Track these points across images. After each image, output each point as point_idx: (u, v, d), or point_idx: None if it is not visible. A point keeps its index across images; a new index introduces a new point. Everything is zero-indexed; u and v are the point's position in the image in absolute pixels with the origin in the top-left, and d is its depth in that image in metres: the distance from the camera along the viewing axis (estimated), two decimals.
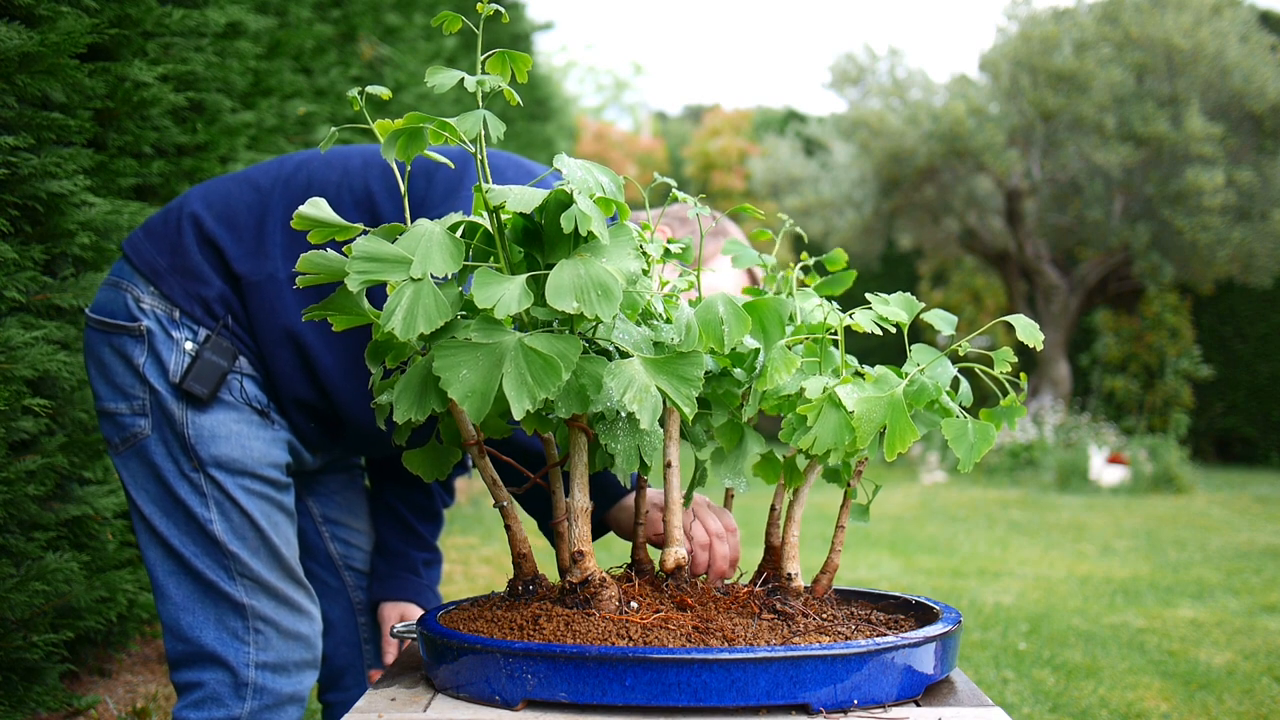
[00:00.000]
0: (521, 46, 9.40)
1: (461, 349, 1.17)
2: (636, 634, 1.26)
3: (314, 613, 1.92)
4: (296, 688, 1.89)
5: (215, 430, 1.82)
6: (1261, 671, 3.92)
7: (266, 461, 1.85)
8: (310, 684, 1.92)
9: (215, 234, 1.85)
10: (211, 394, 1.81)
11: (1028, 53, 12.03)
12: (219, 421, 1.82)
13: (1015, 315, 1.35)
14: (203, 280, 1.83)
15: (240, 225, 1.85)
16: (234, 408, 1.84)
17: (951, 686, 1.35)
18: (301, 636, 1.89)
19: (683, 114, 26.61)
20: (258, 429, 1.85)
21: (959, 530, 7.45)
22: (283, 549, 1.87)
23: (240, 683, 1.83)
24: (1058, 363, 12.90)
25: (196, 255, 1.84)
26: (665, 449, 1.40)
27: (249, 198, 1.88)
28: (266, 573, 1.84)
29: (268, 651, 1.85)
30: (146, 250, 1.86)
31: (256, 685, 1.84)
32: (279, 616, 1.86)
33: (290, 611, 1.87)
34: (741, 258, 1.60)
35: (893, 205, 13.35)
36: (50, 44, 2.05)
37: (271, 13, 3.86)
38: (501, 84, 1.26)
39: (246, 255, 1.84)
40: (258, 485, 1.85)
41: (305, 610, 1.90)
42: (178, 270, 1.84)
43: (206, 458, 1.81)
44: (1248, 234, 11.71)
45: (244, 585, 1.83)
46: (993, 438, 1.32)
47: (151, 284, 1.84)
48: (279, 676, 1.86)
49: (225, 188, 1.91)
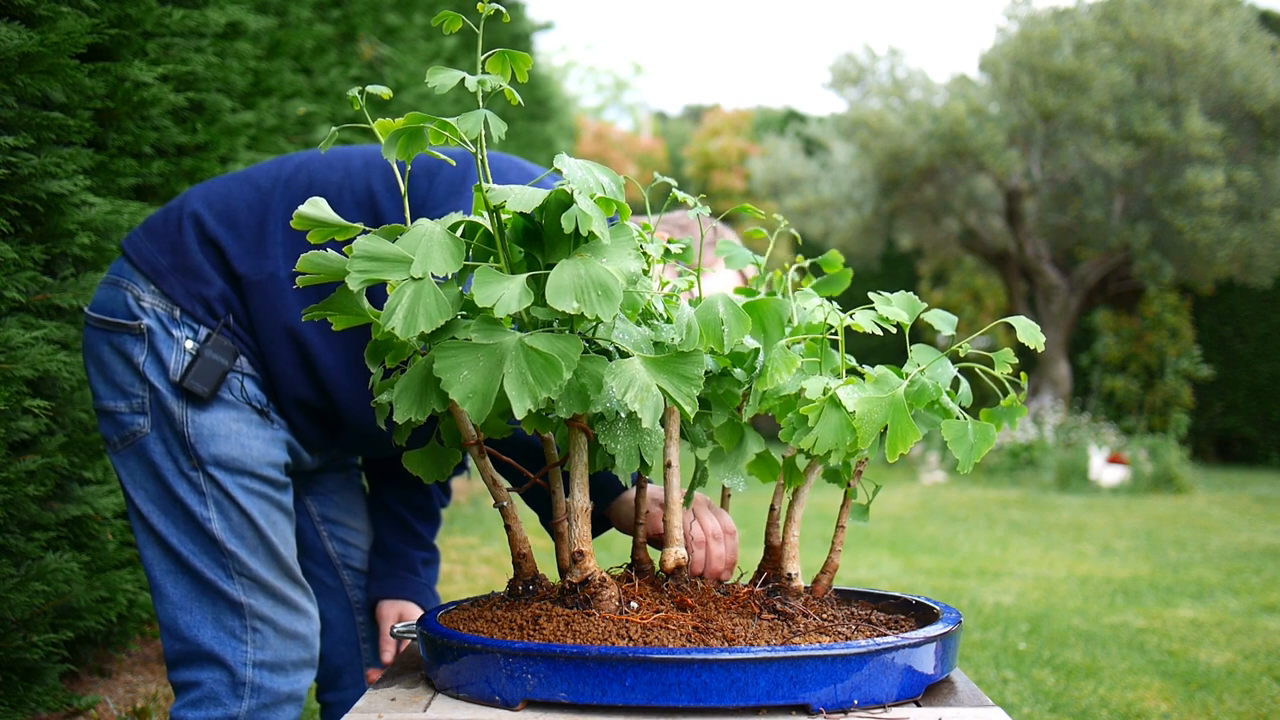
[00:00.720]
0: (521, 46, 9.40)
1: (462, 349, 1.17)
2: (636, 634, 1.26)
3: (312, 612, 1.92)
4: (294, 687, 1.89)
5: (215, 429, 1.82)
6: (1261, 671, 3.92)
7: (265, 461, 1.85)
8: (308, 683, 1.92)
9: (216, 233, 1.85)
10: (212, 392, 1.81)
11: (1028, 53, 12.03)
12: (219, 420, 1.82)
13: (1016, 316, 1.35)
14: (204, 279, 1.83)
15: (241, 225, 1.85)
16: (234, 407, 1.84)
17: (952, 686, 1.35)
18: (299, 635, 1.89)
19: (683, 114, 26.61)
20: (257, 428, 1.85)
21: (959, 530, 7.45)
22: (281, 548, 1.86)
23: (238, 681, 1.83)
24: (1058, 363, 12.90)
25: (198, 254, 1.84)
26: (665, 449, 1.40)
27: (250, 197, 1.88)
28: (264, 572, 1.84)
29: (265, 650, 1.85)
30: (147, 249, 1.86)
31: (254, 684, 1.84)
32: (277, 615, 1.86)
33: (288, 610, 1.87)
34: (735, 258, 1.60)
35: (893, 205, 13.34)
36: (50, 44, 2.05)
37: (271, 13, 3.85)
38: (502, 84, 1.26)
39: (247, 255, 1.84)
40: (257, 484, 1.84)
41: (303, 609, 1.90)
42: (179, 269, 1.84)
43: (206, 456, 1.81)
44: (1248, 234, 11.71)
45: (242, 584, 1.83)
46: (993, 438, 1.32)
47: (152, 283, 1.84)
48: (277, 675, 1.86)
49: (226, 187, 1.91)
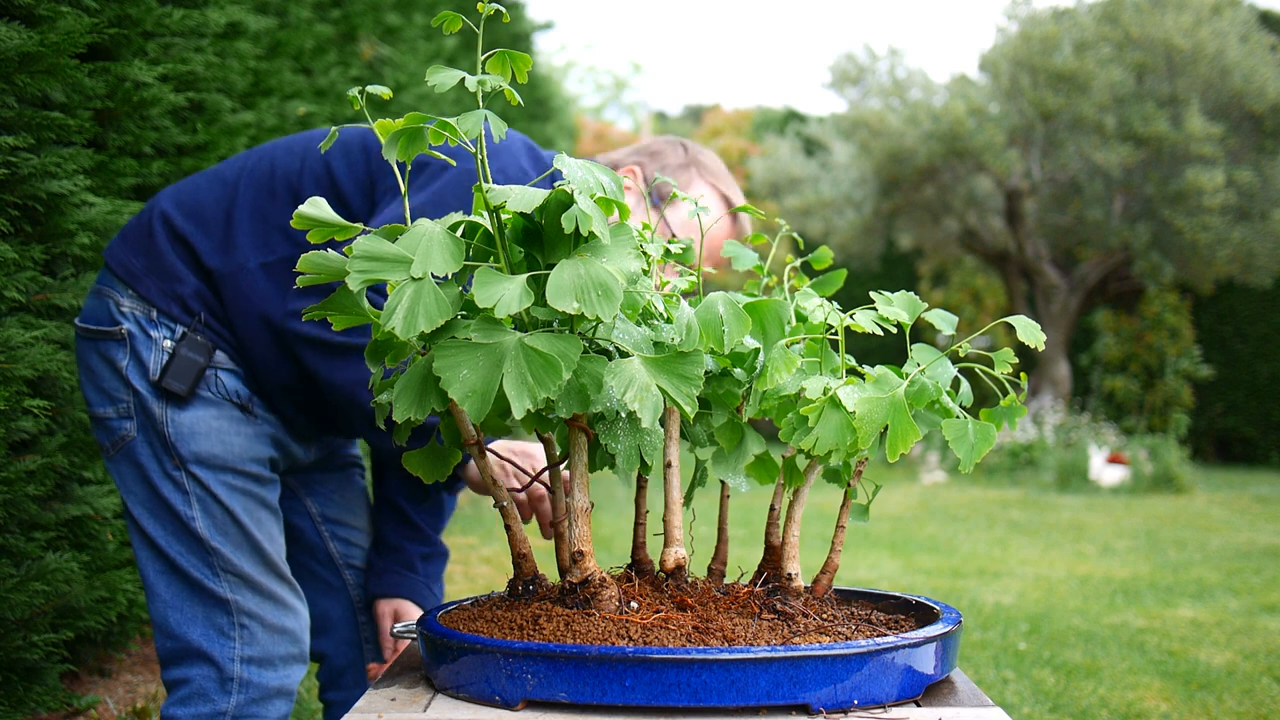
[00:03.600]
0: (521, 46, 9.39)
1: (462, 349, 1.17)
2: (636, 634, 1.26)
3: (299, 608, 1.93)
4: (283, 681, 1.90)
5: (195, 427, 1.83)
6: (1261, 671, 3.92)
7: (248, 456, 1.87)
8: (298, 677, 1.93)
9: (185, 231, 1.87)
10: (190, 390, 1.82)
11: (1028, 53, 12.03)
12: (198, 418, 1.84)
13: (1016, 316, 1.34)
14: (177, 278, 1.85)
15: (209, 220, 1.88)
16: (213, 404, 1.85)
17: (952, 687, 1.35)
18: (287, 630, 1.90)
19: (683, 114, 26.59)
20: (239, 424, 1.87)
21: (959, 530, 7.45)
22: (266, 544, 1.88)
23: (226, 677, 1.84)
24: (1058, 363, 12.90)
25: (170, 254, 1.87)
26: (665, 449, 1.40)
27: (216, 192, 1.90)
28: (250, 568, 1.85)
29: (253, 646, 1.86)
30: (123, 254, 1.89)
31: (242, 679, 1.85)
32: (263, 611, 1.87)
33: (275, 606, 1.89)
34: (740, 259, 1.59)
35: (893, 205, 13.35)
36: (50, 44, 2.05)
37: (271, 13, 3.85)
38: (502, 84, 1.26)
39: (217, 249, 1.86)
40: (239, 481, 1.86)
41: (290, 605, 1.91)
42: (153, 271, 1.86)
43: (187, 455, 1.83)
44: (1248, 234, 11.71)
45: (228, 581, 1.84)
46: (993, 438, 1.31)
47: (129, 287, 1.86)
48: (265, 670, 1.87)
49: (194, 184, 1.94)
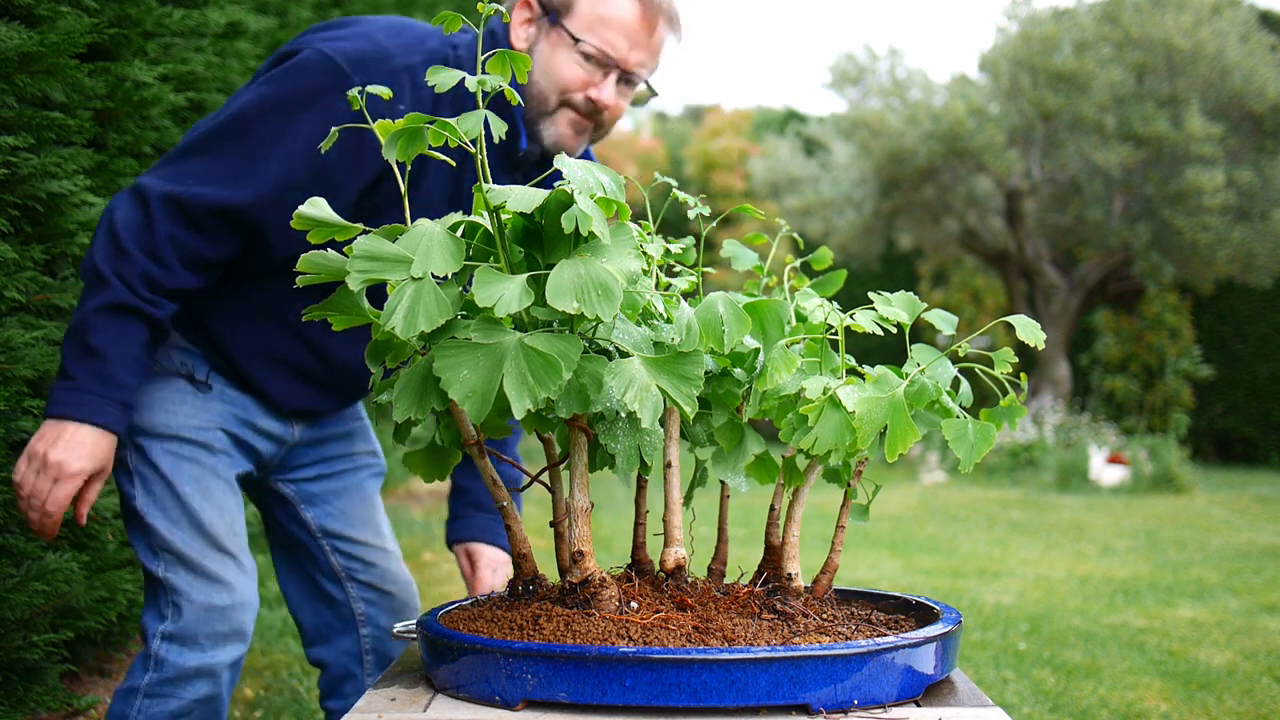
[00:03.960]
0: None
1: (462, 349, 1.17)
2: (636, 634, 1.26)
3: (236, 584, 1.88)
4: (205, 661, 1.85)
5: (139, 400, 1.85)
6: (1261, 671, 3.92)
7: (194, 425, 1.87)
8: (226, 659, 1.87)
9: None
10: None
11: (1028, 53, 12.03)
12: (144, 392, 1.86)
13: (1016, 315, 1.34)
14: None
15: None
16: (159, 377, 1.88)
17: (952, 686, 1.35)
18: (215, 608, 1.85)
19: (683, 114, 26.58)
20: (186, 395, 1.88)
21: (959, 530, 7.45)
22: (210, 517, 1.86)
23: (147, 654, 1.84)
24: (1058, 363, 12.90)
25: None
26: (665, 449, 1.40)
27: None
28: (184, 544, 1.84)
29: (175, 623, 1.84)
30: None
31: (157, 657, 1.84)
32: (192, 589, 1.84)
33: (207, 582, 1.85)
34: (740, 259, 1.60)
35: (893, 205, 13.35)
36: (50, 44, 2.05)
37: (271, 13, 3.85)
38: (502, 84, 1.26)
39: None
40: (185, 449, 1.86)
41: (225, 581, 1.87)
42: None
43: (134, 428, 1.85)
44: (1248, 234, 11.71)
45: (163, 559, 1.85)
46: (993, 438, 1.31)
47: None
48: (185, 649, 1.84)
49: None
